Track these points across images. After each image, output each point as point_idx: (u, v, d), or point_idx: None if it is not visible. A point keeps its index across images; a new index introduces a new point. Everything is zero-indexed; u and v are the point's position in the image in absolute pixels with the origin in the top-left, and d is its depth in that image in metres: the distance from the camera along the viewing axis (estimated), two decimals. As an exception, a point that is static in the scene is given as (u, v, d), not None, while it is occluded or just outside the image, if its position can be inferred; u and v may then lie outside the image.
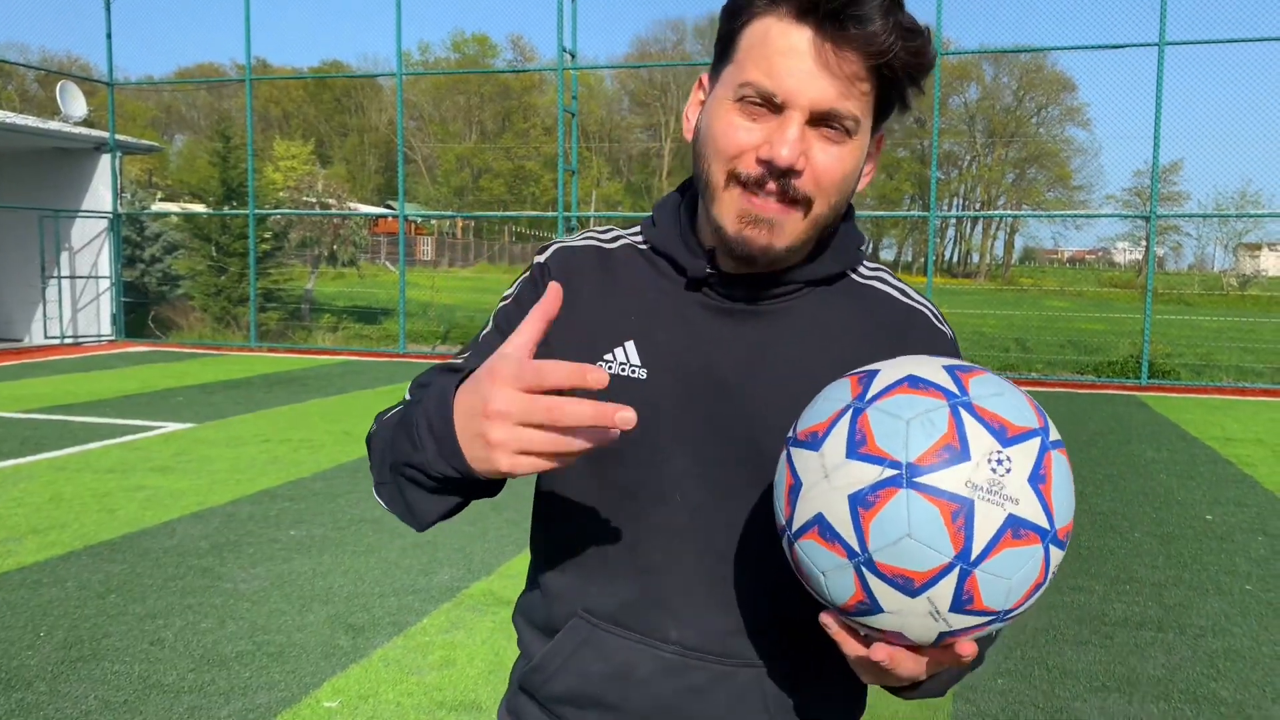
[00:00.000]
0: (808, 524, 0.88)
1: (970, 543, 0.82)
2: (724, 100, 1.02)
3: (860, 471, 0.85)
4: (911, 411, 0.85)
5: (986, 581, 0.83)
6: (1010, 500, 0.83)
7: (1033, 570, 0.85)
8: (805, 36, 0.97)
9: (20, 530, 5.59)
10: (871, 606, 0.86)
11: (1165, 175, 38.76)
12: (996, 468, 0.83)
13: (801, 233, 1.04)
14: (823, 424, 0.89)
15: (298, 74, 46.23)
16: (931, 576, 0.83)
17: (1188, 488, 7.13)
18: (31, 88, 45.48)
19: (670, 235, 1.13)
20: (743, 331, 1.09)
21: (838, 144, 1.01)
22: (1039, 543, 0.84)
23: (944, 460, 0.83)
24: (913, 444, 0.84)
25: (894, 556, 0.83)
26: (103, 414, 9.69)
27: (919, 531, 0.82)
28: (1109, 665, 3.95)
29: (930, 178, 15.09)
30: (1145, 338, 13.56)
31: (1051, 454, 0.87)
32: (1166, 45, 13.00)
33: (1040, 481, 0.84)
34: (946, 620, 0.85)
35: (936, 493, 0.82)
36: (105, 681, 3.65)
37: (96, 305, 17.73)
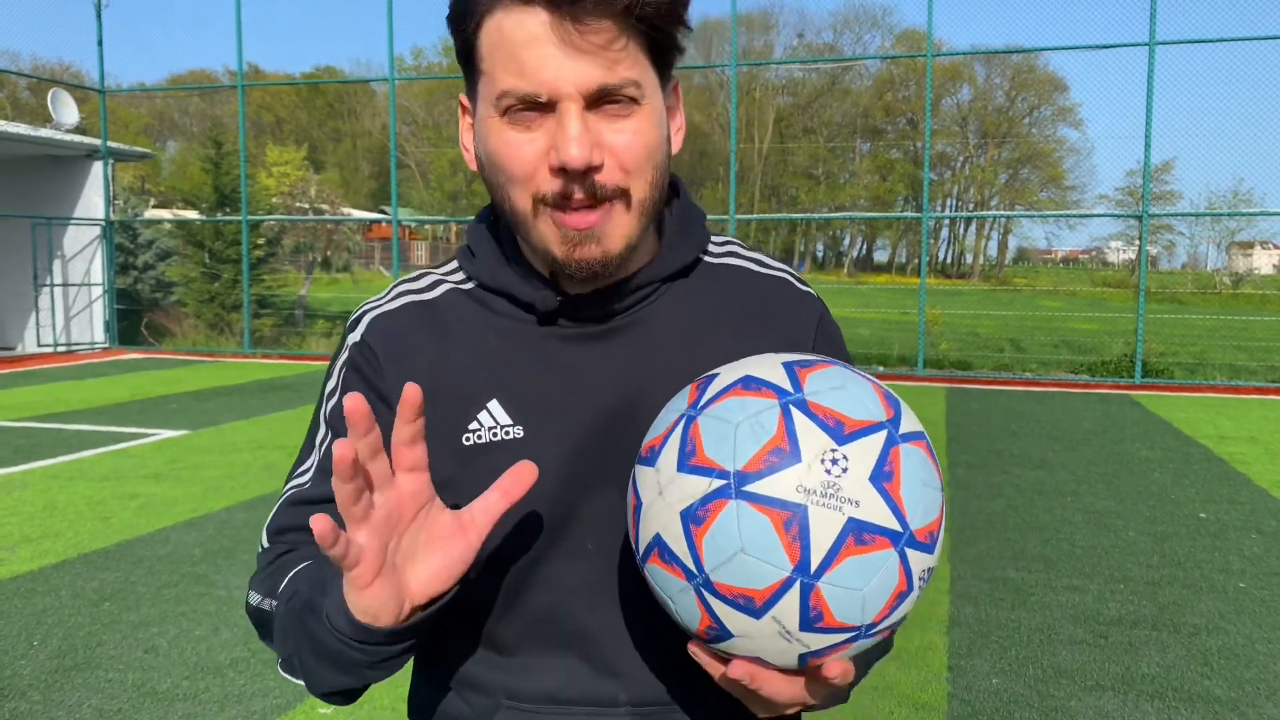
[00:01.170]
0: (649, 546, 0.82)
1: (807, 553, 0.75)
2: (490, 119, 0.91)
3: (691, 485, 0.79)
4: (741, 415, 0.79)
5: (834, 594, 0.76)
6: (849, 502, 0.76)
7: (889, 578, 0.77)
8: (540, 20, 0.86)
9: (14, 539, 5.57)
10: (721, 632, 0.80)
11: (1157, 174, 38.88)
12: (831, 468, 0.76)
13: (632, 226, 0.93)
14: (659, 437, 0.84)
15: (290, 80, 46.27)
16: (772, 594, 0.76)
17: (1181, 486, 7.15)
18: (23, 95, 45.38)
19: (499, 269, 1.01)
20: (610, 352, 0.99)
21: (627, 117, 0.90)
22: (890, 547, 0.77)
23: (772, 465, 0.76)
24: (740, 450, 0.77)
25: (731, 575, 0.77)
26: (96, 421, 9.67)
27: (751, 545, 0.76)
28: (1103, 664, 3.96)
29: (923, 179, 15.12)
30: (1138, 337, 13.59)
31: (900, 448, 0.79)
32: (1157, 45, 13.05)
33: (885, 479, 0.77)
34: (801, 640, 0.78)
35: (766, 501, 0.76)
36: (99, 690, 3.64)
37: (89, 313, 17.69)
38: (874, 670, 3.11)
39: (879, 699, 3.64)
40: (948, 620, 4.42)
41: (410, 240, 50.09)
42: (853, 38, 57.44)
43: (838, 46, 55.82)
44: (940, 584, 4.91)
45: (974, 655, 4.05)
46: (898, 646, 4.10)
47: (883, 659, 1.03)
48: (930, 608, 4.57)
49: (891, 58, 56.11)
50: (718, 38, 55.08)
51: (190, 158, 38.16)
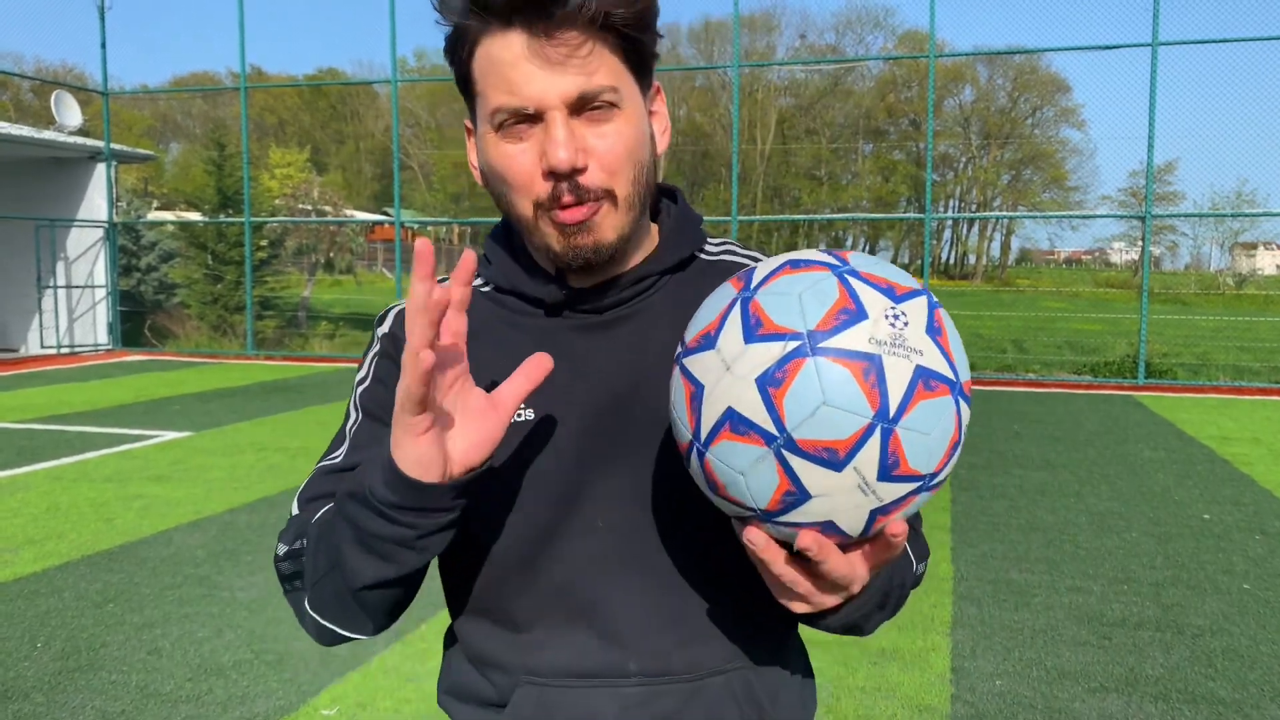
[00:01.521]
0: (718, 424, 0.84)
1: (886, 399, 0.80)
2: (487, 135, 1.01)
3: (763, 352, 0.82)
4: (801, 286, 0.85)
5: (909, 439, 0.81)
6: (915, 351, 0.82)
7: (949, 425, 0.83)
8: (520, 40, 0.95)
9: (17, 540, 5.58)
10: (799, 495, 0.83)
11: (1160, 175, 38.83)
12: (895, 322, 0.82)
13: (620, 221, 1.01)
14: (713, 323, 0.87)
15: (293, 82, 46.29)
16: (855, 441, 0.80)
17: (1185, 487, 7.14)
18: (26, 97, 45.46)
19: (511, 271, 1.11)
20: (613, 340, 1.08)
21: (608, 120, 0.98)
22: (949, 394, 0.83)
23: (843, 322, 0.81)
24: (809, 314, 0.82)
25: (814, 429, 0.80)
26: (99, 423, 9.68)
27: (835, 396, 0.80)
28: (1107, 665, 3.96)
29: (926, 180, 15.11)
30: (1141, 337, 13.57)
31: (940, 311, 0.87)
32: (1160, 45, 13.04)
33: (937, 334, 0.84)
34: (876, 492, 0.82)
35: (843, 354, 0.80)
36: (103, 691, 3.64)
37: (93, 314, 17.72)
38: (875, 671, 3.07)
39: (881, 700, 3.64)
40: (951, 621, 4.42)
41: (413, 241, 50.08)
42: (855, 39, 57.41)
43: (840, 47, 55.80)
44: (943, 585, 4.90)
45: (977, 657, 4.04)
46: (900, 647, 4.10)
47: (894, 610, 1.09)
48: (933, 609, 4.57)
49: (894, 59, 56.10)
50: (720, 39, 55.10)
51: (193, 159, 38.19)
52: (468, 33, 0.99)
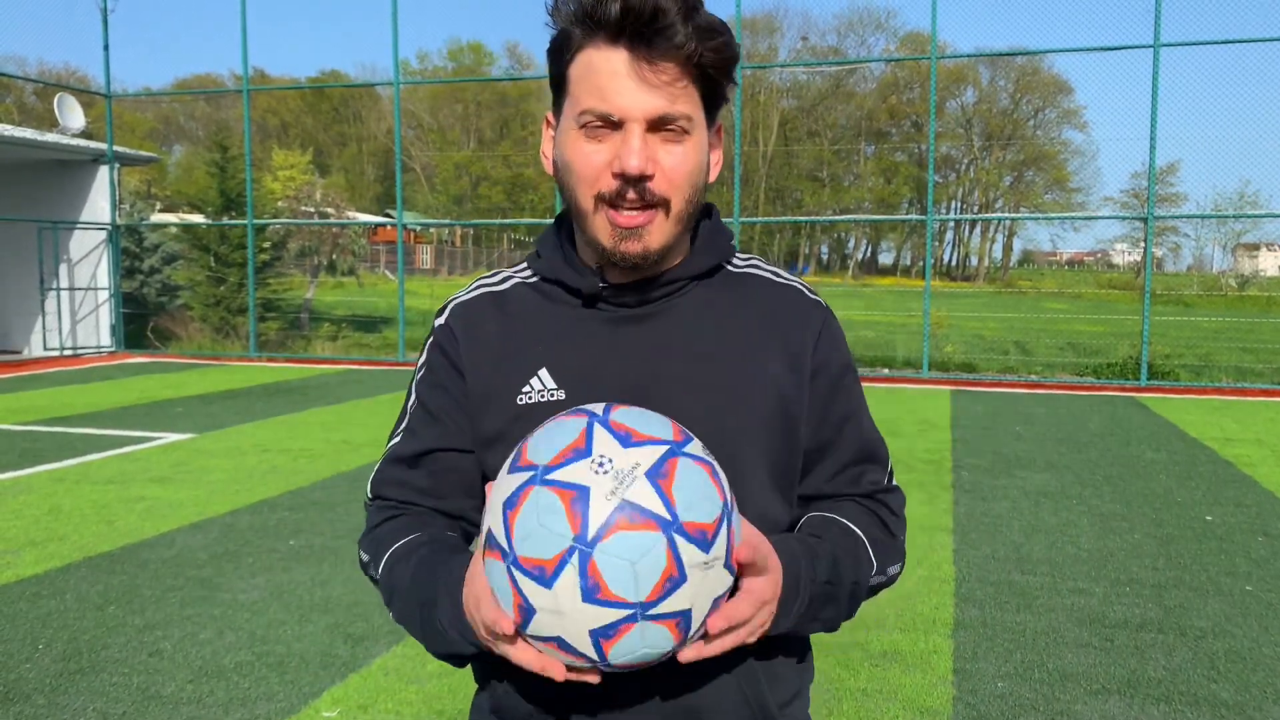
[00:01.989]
0: (484, 544, 0.99)
1: (586, 525, 0.90)
2: (570, 131, 1.13)
3: (511, 482, 0.96)
4: (557, 430, 0.98)
5: (606, 562, 0.90)
6: (625, 488, 0.92)
7: (658, 558, 0.91)
8: (622, 58, 1.08)
9: (19, 542, 5.58)
10: (527, 609, 0.94)
11: (1162, 176, 38.78)
12: (600, 469, 0.93)
13: (668, 231, 1.14)
14: (562, 453, 0.99)
15: (295, 84, 46.35)
16: (558, 562, 0.90)
17: (1187, 488, 7.13)
18: (30, 100, 45.52)
19: (557, 263, 1.23)
20: (642, 332, 1.20)
21: (678, 143, 1.11)
22: (659, 530, 0.91)
23: (570, 459, 0.94)
24: (549, 451, 0.95)
25: (529, 547, 0.92)
26: (102, 425, 9.69)
27: (545, 518, 0.91)
28: (1109, 667, 3.95)
29: (928, 181, 15.10)
30: (1144, 339, 13.56)
31: (679, 459, 0.96)
32: (1162, 47, 13.03)
33: (660, 477, 0.93)
34: (584, 613, 0.92)
35: (560, 484, 0.92)
36: (104, 693, 3.64)
37: (95, 316, 17.74)
38: (877, 673, 3.06)
39: (884, 703, 3.63)
40: (953, 623, 4.41)
41: (416, 243, 50.13)
42: (857, 40, 57.34)
43: (842, 49, 55.74)
44: (945, 587, 4.90)
45: (979, 659, 4.03)
46: (901, 649, 4.09)
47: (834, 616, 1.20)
48: (935, 611, 4.56)
49: (896, 60, 56.08)
50: (722, 41, 54.94)
51: (196, 162, 38.24)
52: (573, 39, 1.11)
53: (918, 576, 5.06)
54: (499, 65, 60.90)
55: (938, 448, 8.68)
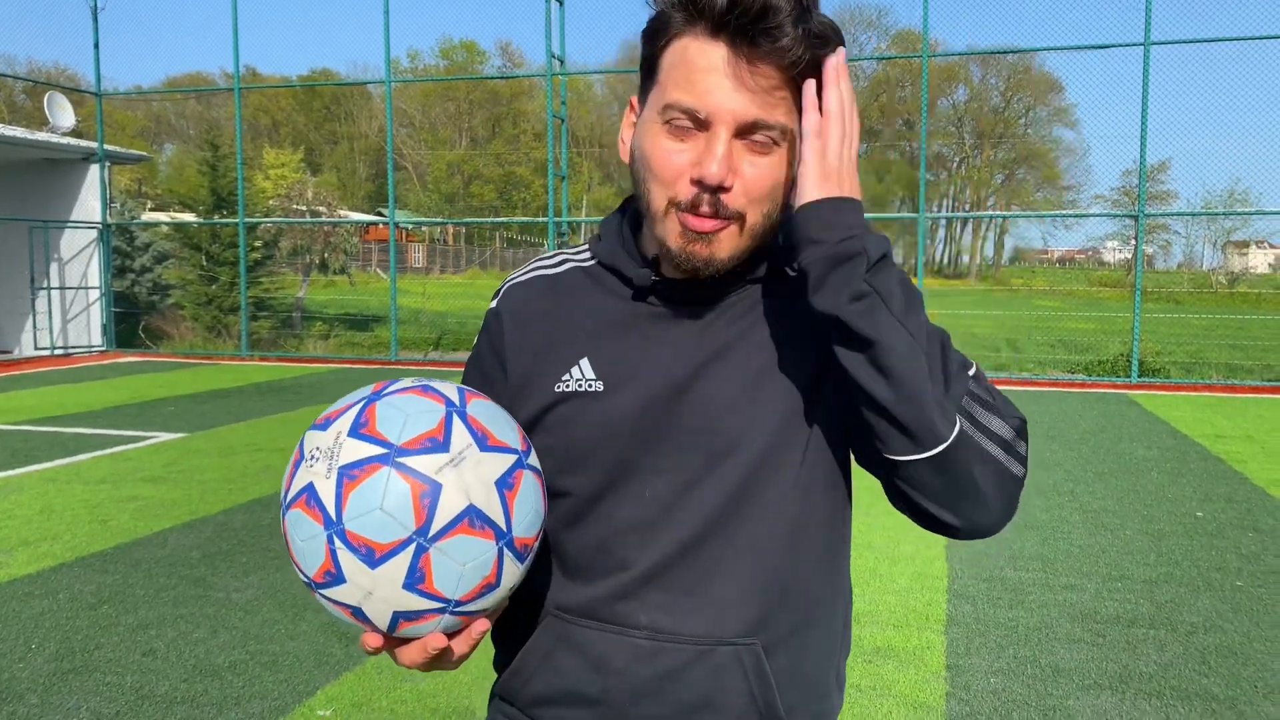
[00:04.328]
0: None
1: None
2: (653, 122, 1.06)
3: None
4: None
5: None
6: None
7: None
8: (721, 53, 1.01)
9: (11, 542, 5.57)
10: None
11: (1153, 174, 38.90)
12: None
13: (739, 244, 1.08)
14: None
15: (287, 82, 46.22)
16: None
17: (1178, 485, 7.16)
18: (19, 99, 45.31)
19: (615, 250, 1.19)
20: (686, 331, 1.15)
21: (765, 154, 1.05)
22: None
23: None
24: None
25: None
26: (94, 425, 9.66)
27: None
28: (1101, 663, 3.97)
29: (919, 179, 15.13)
30: (1135, 336, 13.61)
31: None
32: (1152, 45, 13.07)
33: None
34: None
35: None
36: (97, 693, 3.64)
37: (86, 316, 17.67)
38: (870, 669, 3.06)
39: (877, 699, 3.64)
40: (945, 619, 4.43)
41: (408, 242, 50.04)
42: (848, 38, 57.28)
43: (834, 47, 55.77)
44: (938, 583, 4.91)
45: (972, 654, 4.05)
46: (895, 646, 4.10)
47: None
48: (927, 607, 4.58)
49: (887, 59, 56.16)
50: (714, 39, 54.95)
51: (187, 160, 38.11)
52: (671, 24, 1.04)
53: (910, 573, 5.08)
54: (491, 63, 60.85)
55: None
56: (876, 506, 5.31)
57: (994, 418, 1.08)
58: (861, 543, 5.59)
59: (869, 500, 5.97)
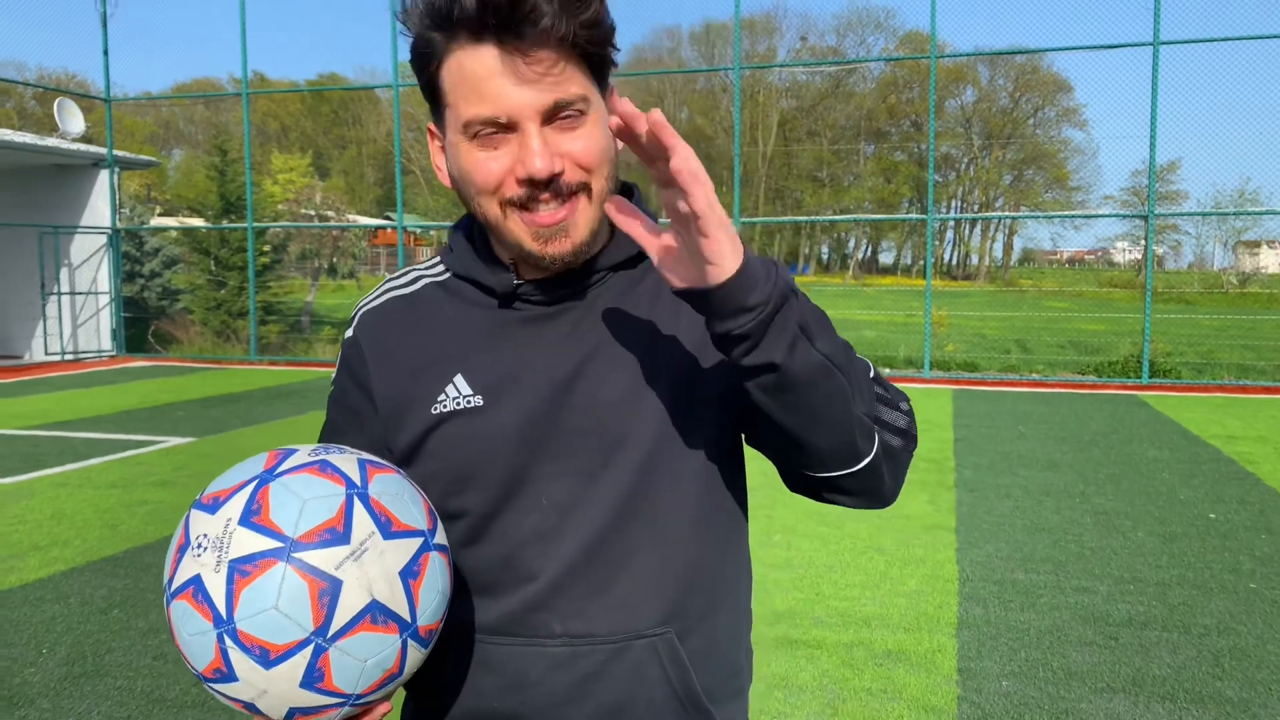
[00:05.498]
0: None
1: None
2: (460, 143, 1.04)
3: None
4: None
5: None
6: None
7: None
8: (493, 55, 0.99)
9: (22, 547, 5.58)
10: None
11: (1163, 174, 38.78)
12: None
13: (593, 215, 1.06)
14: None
15: (295, 87, 46.36)
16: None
17: (1190, 486, 7.12)
18: (29, 105, 45.54)
19: (469, 259, 1.16)
20: (559, 330, 1.13)
21: (579, 126, 1.03)
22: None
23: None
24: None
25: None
26: (104, 429, 9.69)
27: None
28: (1114, 666, 3.94)
29: (928, 180, 15.10)
30: (1145, 337, 13.55)
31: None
32: (1161, 45, 13.03)
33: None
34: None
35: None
36: (108, 697, 3.64)
37: (96, 321, 17.74)
38: (881, 672, 3.04)
39: (888, 702, 3.63)
40: (956, 622, 4.41)
41: (416, 246, 50.12)
42: (856, 40, 57.35)
43: (841, 49, 55.76)
44: (949, 586, 4.89)
45: (983, 657, 4.03)
46: (906, 649, 4.09)
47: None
48: (939, 610, 4.56)
49: (895, 60, 56.09)
50: (721, 41, 55.04)
51: (195, 166, 38.27)
52: (435, 45, 1.03)
53: (921, 575, 5.06)
54: (498, 67, 60.92)
55: (940, 447, 8.67)
56: (886, 510, 5.32)
57: (893, 411, 1.10)
58: (871, 546, 5.57)
59: (879, 503, 5.76)
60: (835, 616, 4.47)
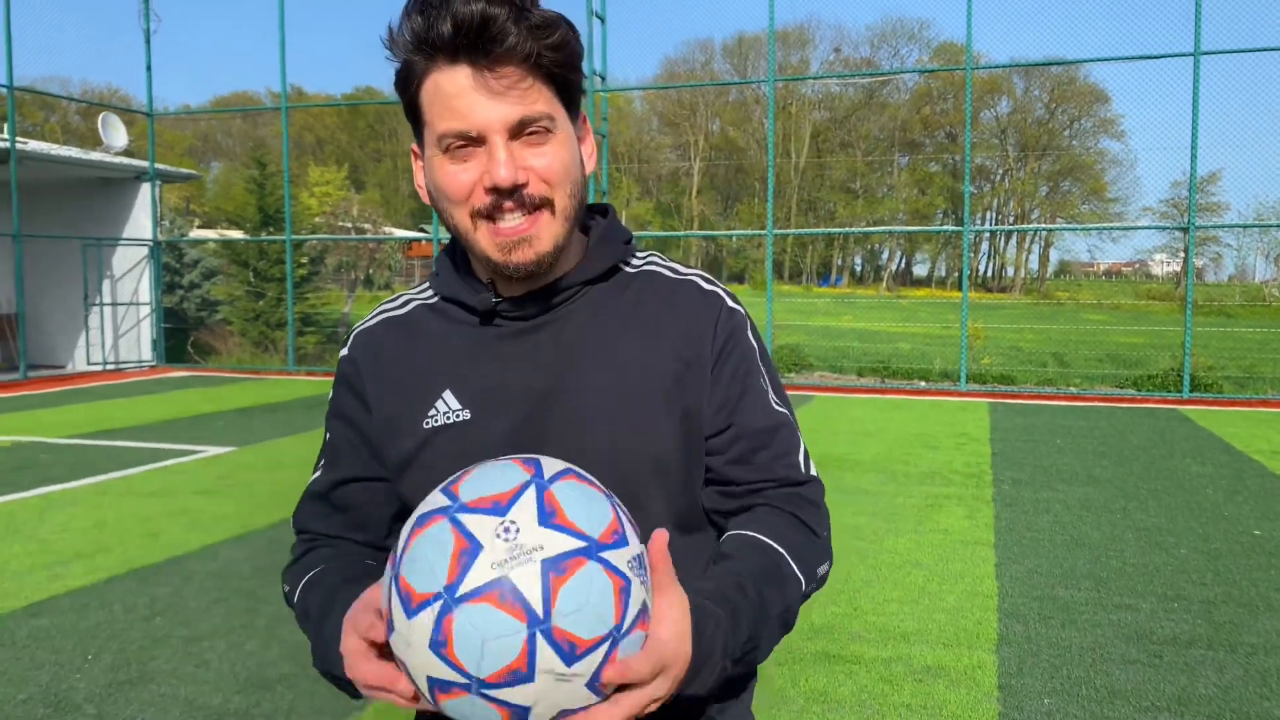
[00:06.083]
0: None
1: (529, 606, 0.87)
2: (434, 157, 1.12)
3: (421, 625, 0.89)
4: (427, 545, 0.90)
5: (570, 623, 0.87)
6: (536, 549, 0.88)
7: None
8: (465, 74, 1.07)
9: (66, 555, 5.67)
10: (526, 676, 0.88)
11: (1203, 186, 38.25)
12: (506, 536, 0.89)
13: (557, 230, 1.13)
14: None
15: (332, 101, 46.88)
16: (526, 655, 0.87)
17: (1234, 502, 7.00)
18: (74, 120, 46.43)
19: (452, 281, 1.24)
20: (540, 343, 1.19)
21: (545, 143, 1.11)
22: (586, 561, 0.89)
23: (464, 564, 0.88)
24: (438, 571, 0.88)
25: (491, 664, 0.87)
26: (145, 439, 9.83)
27: (489, 631, 0.86)
28: (1158, 685, 3.88)
29: (963, 192, 15.00)
30: (1186, 350, 13.36)
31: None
32: (1202, 55, 12.87)
33: (551, 517, 0.90)
34: (576, 674, 0.89)
35: (476, 593, 0.87)
36: (153, 704, 3.69)
37: (137, 331, 18.02)
38: (921, 688, 3.02)
39: (928, 718, 3.59)
40: (996, 639, 4.36)
41: (449, 258, 50.48)
42: (890, 51, 57.18)
43: (875, 60, 55.61)
44: (988, 602, 4.85)
45: (1024, 675, 3.99)
46: (945, 665, 4.05)
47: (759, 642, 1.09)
48: (978, 626, 4.51)
49: (930, 71, 55.82)
50: (754, 54, 55.09)
51: (233, 178, 38.76)
52: (415, 67, 1.11)
53: (960, 591, 5.01)
54: (532, 80, 61.22)
55: (977, 461, 8.60)
56: (925, 525, 5.31)
57: (813, 585, 1.20)
58: (910, 560, 5.53)
59: (916, 518, 5.95)
60: (873, 631, 4.44)
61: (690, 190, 59.58)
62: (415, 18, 1.09)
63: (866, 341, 21.78)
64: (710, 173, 60.45)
